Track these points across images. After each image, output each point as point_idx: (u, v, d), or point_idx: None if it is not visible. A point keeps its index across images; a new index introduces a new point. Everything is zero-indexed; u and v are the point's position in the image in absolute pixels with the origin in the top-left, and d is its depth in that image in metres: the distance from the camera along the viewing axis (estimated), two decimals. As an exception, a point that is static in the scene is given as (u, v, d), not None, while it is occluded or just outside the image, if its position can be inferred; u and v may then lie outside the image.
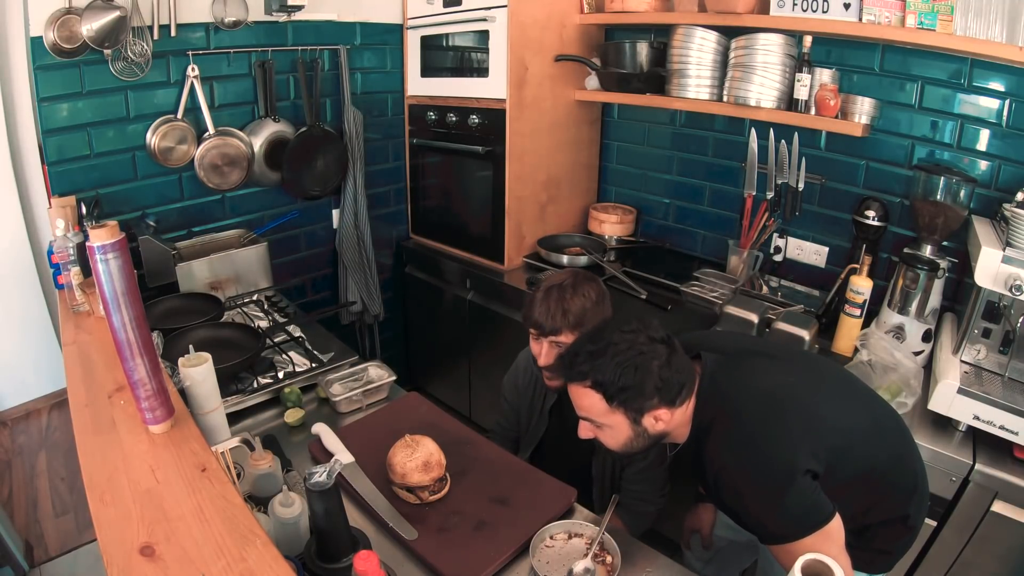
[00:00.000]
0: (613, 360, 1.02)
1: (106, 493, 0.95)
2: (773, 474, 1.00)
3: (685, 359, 1.09)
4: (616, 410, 1.04)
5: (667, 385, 1.04)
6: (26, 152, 2.31)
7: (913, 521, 1.16)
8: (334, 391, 1.54)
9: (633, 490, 1.47)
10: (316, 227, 2.62)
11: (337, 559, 0.97)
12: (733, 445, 1.03)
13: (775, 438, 1.02)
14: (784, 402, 1.07)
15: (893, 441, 1.16)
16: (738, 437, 1.03)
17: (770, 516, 1.00)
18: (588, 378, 1.04)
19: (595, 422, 1.09)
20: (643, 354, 1.03)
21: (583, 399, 1.07)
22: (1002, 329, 1.46)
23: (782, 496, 0.99)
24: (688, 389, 1.08)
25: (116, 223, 1.03)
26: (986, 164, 1.73)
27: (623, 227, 2.54)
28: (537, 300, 1.36)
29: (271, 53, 2.23)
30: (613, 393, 1.03)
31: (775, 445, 1.01)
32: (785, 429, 1.03)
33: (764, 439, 1.02)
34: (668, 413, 1.06)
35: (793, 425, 1.04)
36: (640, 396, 1.03)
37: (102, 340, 1.46)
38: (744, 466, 1.01)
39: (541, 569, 1.05)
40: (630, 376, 1.02)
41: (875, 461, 1.11)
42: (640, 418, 1.05)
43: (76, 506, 2.20)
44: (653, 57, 2.17)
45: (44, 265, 2.35)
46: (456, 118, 2.45)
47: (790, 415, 1.05)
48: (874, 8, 1.64)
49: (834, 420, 1.08)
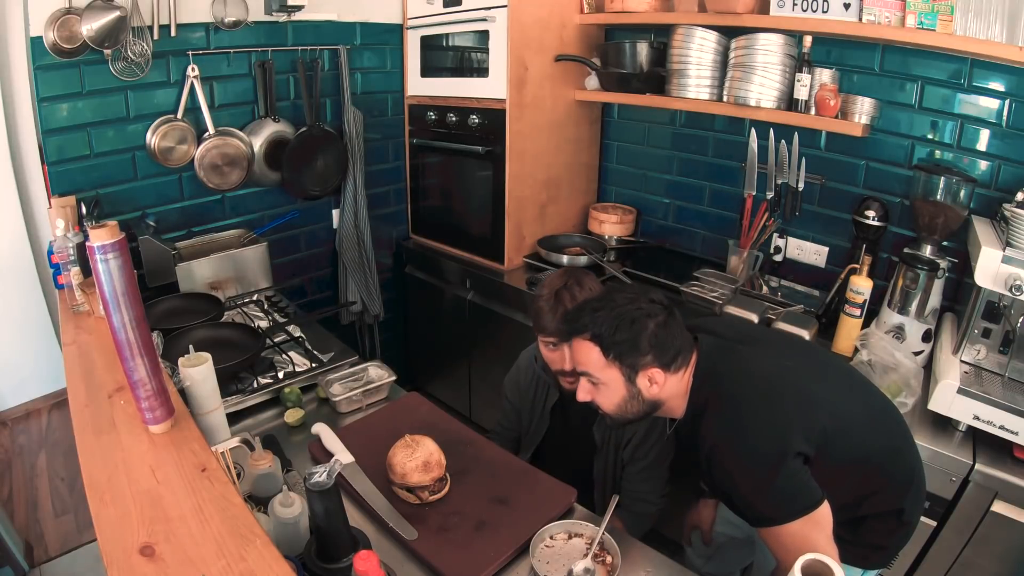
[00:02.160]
0: (612, 313, 1.08)
1: (106, 493, 0.95)
2: (763, 455, 1.02)
3: (683, 330, 1.12)
4: (612, 364, 1.08)
5: (662, 345, 1.07)
6: (26, 152, 2.32)
7: (908, 517, 1.16)
8: (334, 391, 1.54)
9: (633, 491, 1.47)
10: (316, 227, 2.62)
11: (337, 559, 0.97)
12: (725, 425, 1.06)
13: (767, 420, 1.04)
14: (779, 384, 1.09)
15: (890, 433, 1.17)
16: (730, 417, 1.06)
17: (759, 497, 1.02)
18: (588, 330, 1.09)
19: (593, 378, 1.11)
20: (641, 310, 1.08)
21: (581, 352, 1.12)
22: (1002, 329, 1.46)
23: (772, 478, 1.01)
24: (684, 357, 1.11)
25: (116, 223, 1.03)
26: (986, 164, 1.73)
27: (623, 227, 2.54)
28: (546, 309, 1.36)
29: (271, 53, 2.23)
30: (610, 345, 1.07)
31: (767, 426, 1.03)
32: (778, 411, 1.05)
33: (756, 420, 1.04)
34: (662, 375, 1.08)
35: (788, 407, 1.06)
36: (635, 351, 1.06)
37: (102, 340, 1.46)
38: (735, 446, 1.04)
39: (541, 569, 1.05)
40: (626, 329, 1.06)
41: (870, 450, 1.12)
42: (635, 376, 1.08)
43: (76, 506, 2.20)
44: (653, 57, 2.17)
45: (44, 265, 2.36)
46: (456, 118, 2.45)
47: (785, 397, 1.07)
48: (874, 8, 1.64)
49: (830, 404, 1.09)
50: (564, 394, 1.54)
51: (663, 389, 1.10)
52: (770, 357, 1.16)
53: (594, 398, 1.14)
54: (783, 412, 1.05)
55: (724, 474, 1.04)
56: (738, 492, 1.04)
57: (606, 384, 1.11)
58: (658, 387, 1.10)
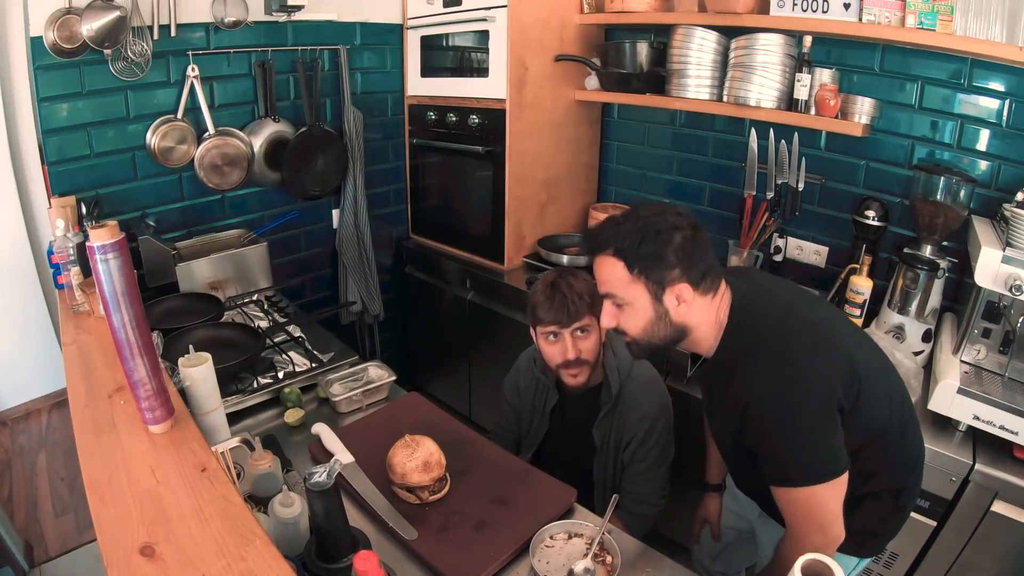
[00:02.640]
0: (636, 225, 1.01)
1: (106, 493, 0.95)
2: (810, 412, 0.96)
3: (711, 251, 1.05)
4: (637, 280, 1.01)
5: (690, 259, 1.00)
6: (26, 152, 2.32)
7: (905, 501, 1.16)
8: (334, 391, 1.54)
9: (633, 492, 1.47)
10: (316, 227, 2.62)
11: (337, 559, 0.97)
12: (774, 376, 0.98)
13: (817, 372, 0.98)
14: (822, 333, 1.04)
15: (903, 406, 1.13)
16: (780, 368, 0.99)
17: (795, 454, 0.97)
18: (611, 244, 1.03)
19: (617, 299, 1.05)
20: (667, 221, 1.01)
21: (604, 270, 1.05)
22: (1002, 329, 1.46)
23: (812, 436, 0.96)
24: (714, 280, 1.04)
25: (116, 223, 1.03)
26: (986, 164, 1.73)
27: (623, 227, 2.53)
28: (544, 300, 1.38)
29: (271, 53, 2.23)
30: (634, 259, 1.00)
31: (816, 380, 0.98)
32: (826, 361, 0.99)
33: (805, 373, 0.98)
34: (691, 293, 1.02)
35: (833, 357, 1.01)
36: (661, 263, 1.00)
37: (102, 340, 1.46)
38: (783, 399, 0.97)
39: (541, 569, 1.05)
40: (651, 240, 1.00)
41: (887, 423, 1.08)
42: (662, 293, 1.02)
43: (76, 506, 2.20)
44: (653, 57, 2.17)
45: (44, 265, 2.36)
46: (456, 118, 2.45)
47: (830, 347, 1.02)
48: (874, 8, 1.64)
49: (863, 363, 1.04)
50: (564, 395, 1.55)
51: (692, 311, 1.03)
52: (808, 306, 1.10)
53: (619, 323, 1.07)
54: (830, 362, 0.99)
55: (764, 427, 0.98)
56: (775, 447, 0.98)
57: (631, 304, 1.04)
58: (687, 307, 1.02)
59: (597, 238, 1.06)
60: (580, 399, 1.51)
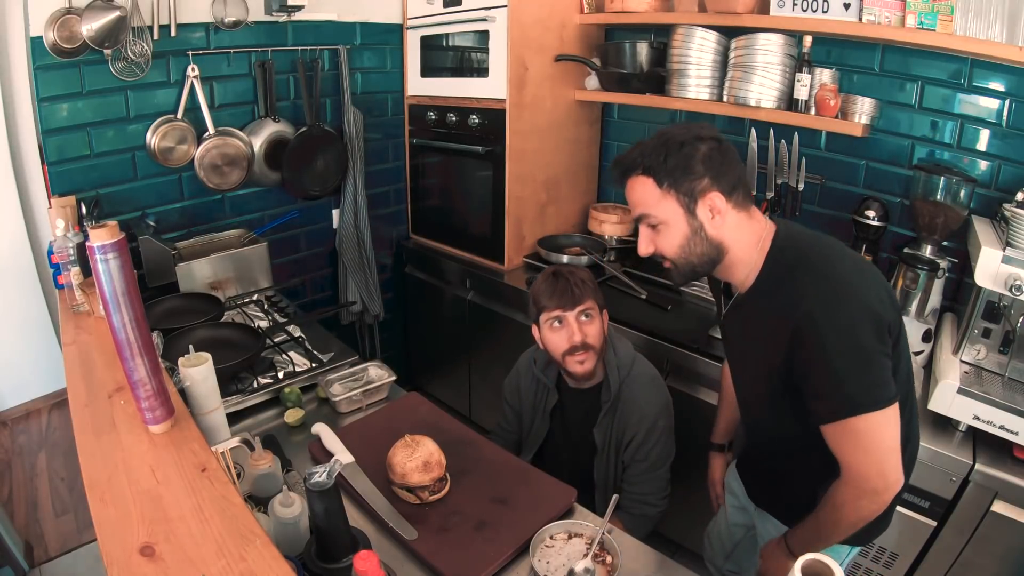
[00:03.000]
0: (660, 141, 1.01)
1: (106, 493, 0.95)
2: (864, 327, 0.92)
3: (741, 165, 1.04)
4: (668, 194, 1.00)
5: (718, 168, 0.99)
6: (26, 152, 2.32)
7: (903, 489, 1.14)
8: (334, 391, 1.54)
9: (634, 493, 1.47)
10: (316, 227, 2.62)
11: (337, 559, 0.97)
12: (825, 289, 0.94)
13: (867, 292, 0.95)
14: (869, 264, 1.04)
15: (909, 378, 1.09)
16: (833, 284, 0.95)
17: (851, 374, 0.92)
18: (638, 165, 1.02)
19: (651, 219, 1.04)
20: (691, 133, 1.01)
21: (636, 191, 1.04)
22: (1002, 329, 1.46)
23: (868, 353, 0.92)
24: (746, 194, 1.03)
25: (116, 223, 1.03)
26: (986, 164, 1.73)
27: (623, 227, 2.53)
28: (545, 288, 1.42)
29: (271, 53, 2.23)
30: (662, 173, 1.00)
31: (868, 299, 0.94)
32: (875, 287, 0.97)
33: (858, 291, 0.94)
34: (723, 202, 1.00)
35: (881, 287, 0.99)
36: (689, 173, 0.99)
37: (102, 340, 1.46)
38: (837, 312, 0.93)
39: (541, 569, 1.05)
40: (676, 153, 0.99)
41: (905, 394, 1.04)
42: (694, 205, 1.00)
43: (76, 506, 2.20)
44: (653, 57, 2.17)
45: (44, 265, 2.36)
46: (456, 118, 2.45)
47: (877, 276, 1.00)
48: (874, 8, 1.64)
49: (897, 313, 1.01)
50: (564, 396, 1.55)
51: (726, 225, 1.01)
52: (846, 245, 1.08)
53: (656, 246, 1.06)
54: (877, 288, 0.97)
55: (816, 348, 0.93)
56: (831, 367, 0.93)
57: (665, 222, 1.02)
58: (721, 219, 1.00)
59: (624, 161, 1.05)
60: (580, 399, 1.51)
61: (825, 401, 0.95)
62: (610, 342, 1.48)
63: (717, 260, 1.05)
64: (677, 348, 1.84)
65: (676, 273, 1.09)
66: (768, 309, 1.01)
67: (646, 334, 1.90)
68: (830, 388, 0.94)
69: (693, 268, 1.06)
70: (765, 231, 1.05)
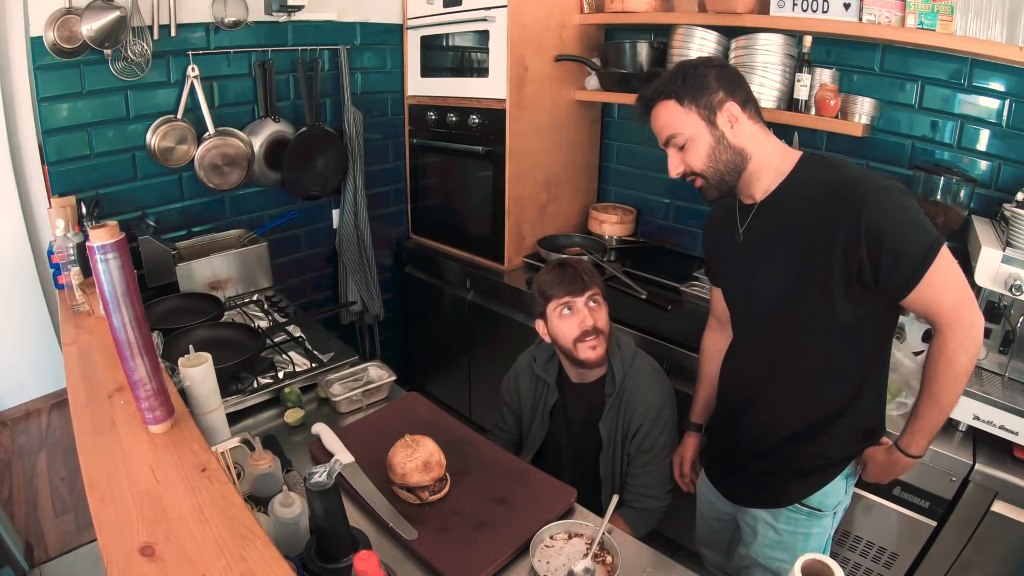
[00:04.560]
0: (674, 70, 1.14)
1: (106, 493, 0.95)
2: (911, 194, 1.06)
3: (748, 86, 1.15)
4: (689, 109, 1.11)
5: (730, 82, 1.11)
6: (26, 152, 2.32)
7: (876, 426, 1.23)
8: (334, 391, 1.54)
9: (639, 487, 1.48)
10: (316, 227, 2.62)
11: (337, 559, 0.97)
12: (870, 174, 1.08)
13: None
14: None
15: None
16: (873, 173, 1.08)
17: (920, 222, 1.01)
18: (660, 93, 1.13)
19: (677, 138, 1.13)
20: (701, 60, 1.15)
21: (660, 116, 1.15)
22: (1002, 329, 1.46)
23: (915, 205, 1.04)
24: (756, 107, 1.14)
25: (116, 223, 1.03)
26: (986, 164, 1.73)
27: (623, 227, 2.54)
28: (552, 278, 1.45)
29: (271, 53, 2.23)
30: (682, 92, 1.11)
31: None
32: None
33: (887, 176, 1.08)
34: (739, 111, 1.10)
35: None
36: (706, 87, 1.10)
37: (102, 340, 1.46)
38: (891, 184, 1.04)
39: (541, 569, 1.05)
40: (691, 75, 1.11)
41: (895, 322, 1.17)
42: (714, 116, 1.10)
43: (76, 506, 2.20)
44: (653, 57, 2.17)
45: (44, 265, 2.36)
46: (456, 118, 2.45)
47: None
48: (874, 8, 1.64)
49: None
50: (564, 394, 1.55)
51: (745, 133, 1.11)
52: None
53: (686, 164, 1.15)
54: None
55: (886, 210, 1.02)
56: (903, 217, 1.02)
57: (690, 137, 1.12)
58: (739, 127, 1.11)
59: (645, 95, 1.16)
60: (582, 395, 1.52)
61: (904, 260, 1.01)
62: (614, 335, 1.49)
63: (742, 167, 1.13)
64: (677, 348, 1.84)
65: (708, 187, 1.16)
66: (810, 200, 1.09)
67: (646, 334, 1.90)
68: (908, 243, 1.01)
69: (722, 177, 1.14)
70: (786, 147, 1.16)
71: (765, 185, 1.15)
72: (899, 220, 1.01)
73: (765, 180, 1.14)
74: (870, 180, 1.05)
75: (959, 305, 1.03)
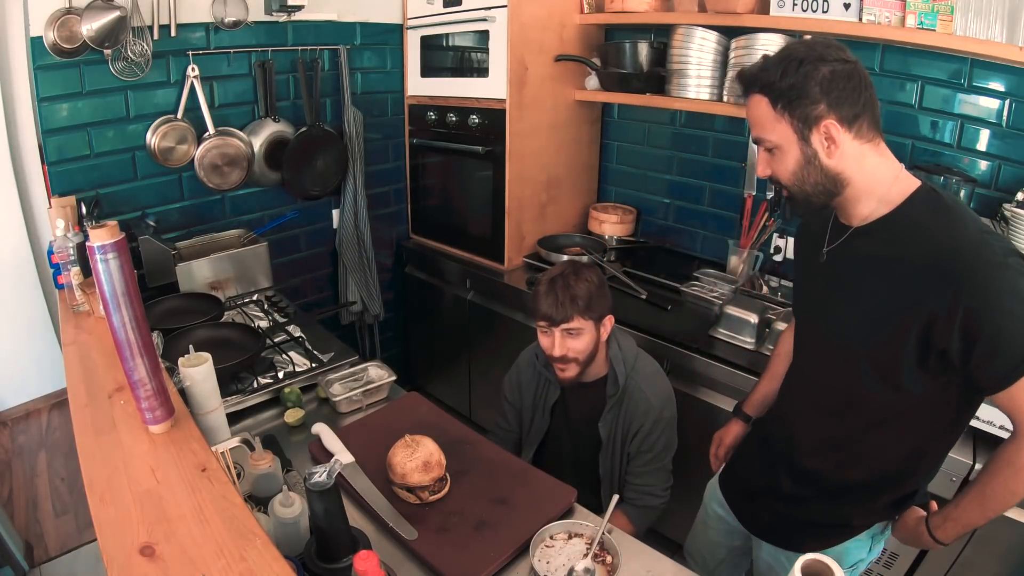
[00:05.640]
0: (783, 56, 0.95)
1: (106, 493, 0.95)
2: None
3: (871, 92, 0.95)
4: (781, 117, 0.95)
5: (838, 93, 0.91)
6: (26, 152, 2.32)
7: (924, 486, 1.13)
8: (334, 391, 1.54)
9: (639, 485, 1.48)
10: (316, 227, 2.62)
11: (337, 559, 0.97)
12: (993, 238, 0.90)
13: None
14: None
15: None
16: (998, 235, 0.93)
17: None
18: (757, 80, 0.96)
19: (766, 142, 0.99)
20: (814, 52, 0.92)
21: (753, 110, 0.99)
22: (1002, 329, 1.46)
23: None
24: (872, 121, 0.95)
25: (116, 223, 1.03)
26: (986, 164, 1.73)
27: (623, 227, 2.54)
28: (542, 293, 1.40)
29: (271, 53, 2.23)
30: (777, 93, 0.94)
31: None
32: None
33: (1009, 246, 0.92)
34: (840, 132, 0.92)
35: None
36: (804, 96, 0.92)
37: (102, 340, 1.46)
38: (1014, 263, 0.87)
39: (541, 569, 1.05)
40: (793, 72, 0.92)
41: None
42: (808, 132, 0.94)
43: (76, 506, 2.20)
44: (653, 57, 2.17)
45: (44, 265, 2.36)
46: (456, 118, 2.45)
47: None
48: (874, 8, 1.64)
49: None
50: (566, 391, 1.55)
51: (844, 155, 0.94)
52: None
53: (772, 170, 1.01)
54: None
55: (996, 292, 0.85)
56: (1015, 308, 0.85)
57: (779, 146, 0.97)
58: (836, 148, 0.93)
59: (745, 76, 1.00)
60: (583, 394, 1.52)
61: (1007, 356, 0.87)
62: (614, 337, 1.49)
63: (835, 192, 0.98)
64: (677, 348, 1.84)
65: (792, 202, 1.04)
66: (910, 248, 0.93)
67: (646, 334, 1.90)
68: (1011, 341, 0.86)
69: (808, 197, 1.00)
70: (902, 171, 0.98)
71: (865, 212, 0.99)
72: (1005, 310, 0.85)
73: (865, 207, 0.99)
74: (983, 252, 0.87)
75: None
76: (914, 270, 0.92)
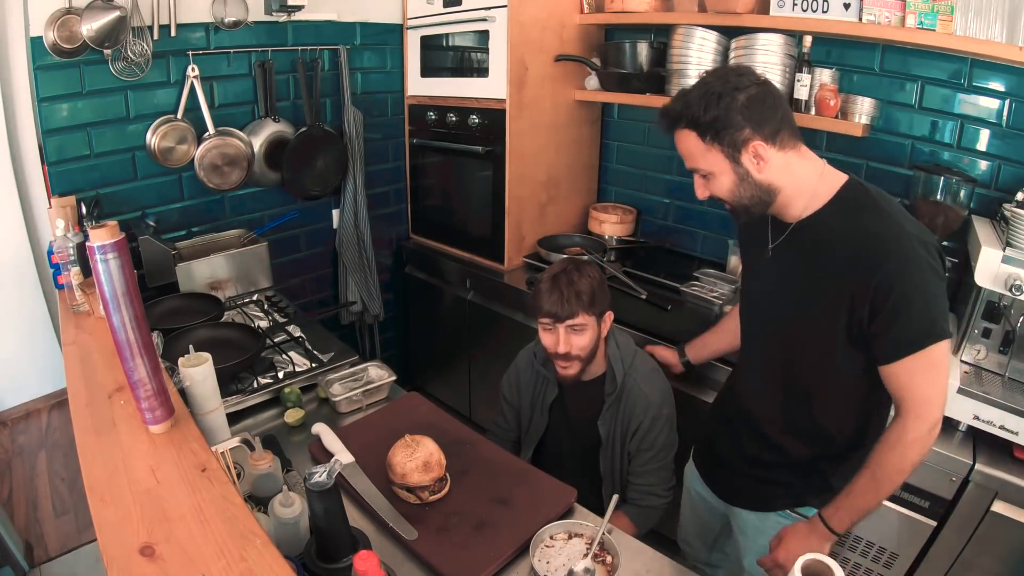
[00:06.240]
0: (699, 93, 1.03)
1: (106, 493, 0.95)
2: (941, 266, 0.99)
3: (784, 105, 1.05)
4: (711, 147, 1.03)
5: (757, 116, 1.00)
6: (26, 152, 2.31)
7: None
8: (334, 391, 1.54)
9: (641, 484, 1.48)
10: (316, 227, 2.62)
11: (337, 559, 0.97)
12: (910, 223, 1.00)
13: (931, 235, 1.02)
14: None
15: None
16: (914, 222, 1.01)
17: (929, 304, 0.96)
18: (682, 117, 1.05)
19: (700, 170, 1.07)
20: (728, 84, 1.01)
21: (682, 143, 1.08)
22: (1002, 329, 1.46)
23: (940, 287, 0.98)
24: (790, 131, 1.04)
25: (116, 223, 1.03)
26: (986, 164, 1.73)
27: (623, 227, 2.54)
28: (544, 291, 1.40)
29: (271, 53, 2.23)
30: (704, 127, 1.02)
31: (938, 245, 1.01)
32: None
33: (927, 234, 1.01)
34: (766, 149, 1.02)
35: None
36: (728, 125, 1.00)
37: (102, 340, 1.46)
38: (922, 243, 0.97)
39: (541, 569, 1.05)
40: (714, 105, 1.00)
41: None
42: (738, 155, 1.03)
43: (76, 506, 2.20)
44: (653, 57, 2.17)
45: (44, 265, 2.35)
46: (456, 118, 2.45)
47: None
48: (874, 8, 1.64)
49: None
50: (564, 390, 1.55)
51: (773, 168, 1.03)
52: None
53: (710, 192, 1.09)
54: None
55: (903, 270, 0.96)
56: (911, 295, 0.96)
57: (714, 172, 1.05)
58: (765, 164, 1.03)
59: (669, 113, 1.08)
60: (581, 393, 1.52)
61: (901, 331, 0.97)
62: (612, 335, 1.49)
63: (770, 201, 1.08)
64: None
65: (735, 213, 1.12)
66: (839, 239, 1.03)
67: (646, 334, 1.90)
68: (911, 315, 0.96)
69: (747, 208, 1.09)
70: (825, 167, 1.08)
71: (798, 210, 1.09)
72: (907, 292, 0.96)
73: (798, 205, 1.08)
74: (901, 239, 0.98)
75: (933, 403, 0.99)
76: (844, 257, 1.02)
